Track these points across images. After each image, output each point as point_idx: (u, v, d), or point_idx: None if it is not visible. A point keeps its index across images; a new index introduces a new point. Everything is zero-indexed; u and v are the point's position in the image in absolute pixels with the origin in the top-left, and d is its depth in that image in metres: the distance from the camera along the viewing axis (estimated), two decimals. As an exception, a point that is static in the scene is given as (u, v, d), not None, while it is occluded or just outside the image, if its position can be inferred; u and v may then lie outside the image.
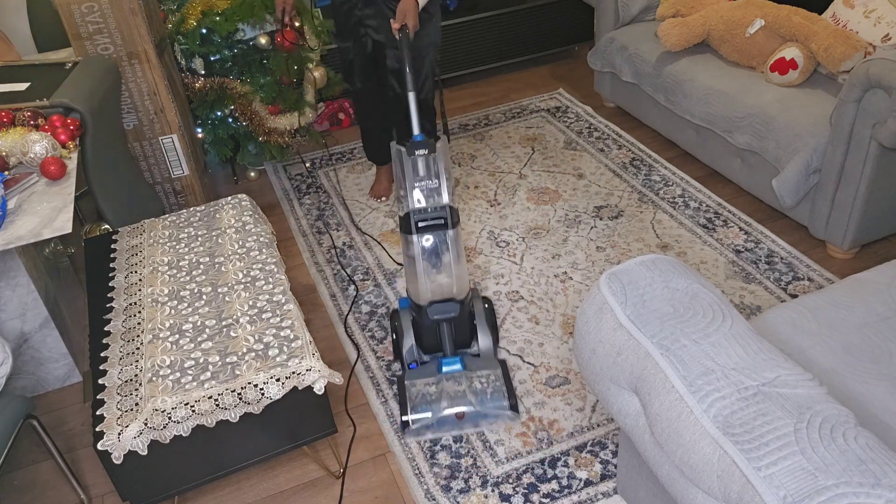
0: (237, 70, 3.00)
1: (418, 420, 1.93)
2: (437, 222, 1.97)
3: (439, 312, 2.01)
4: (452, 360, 2.00)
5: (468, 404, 1.93)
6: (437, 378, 1.97)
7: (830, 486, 0.96)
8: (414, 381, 1.99)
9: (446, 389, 1.94)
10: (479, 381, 1.97)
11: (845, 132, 2.28)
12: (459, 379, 1.97)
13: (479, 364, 2.02)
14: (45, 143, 1.94)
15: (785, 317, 1.57)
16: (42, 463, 2.05)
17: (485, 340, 2.09)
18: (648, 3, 3.27)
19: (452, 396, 1.93)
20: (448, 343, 2.03)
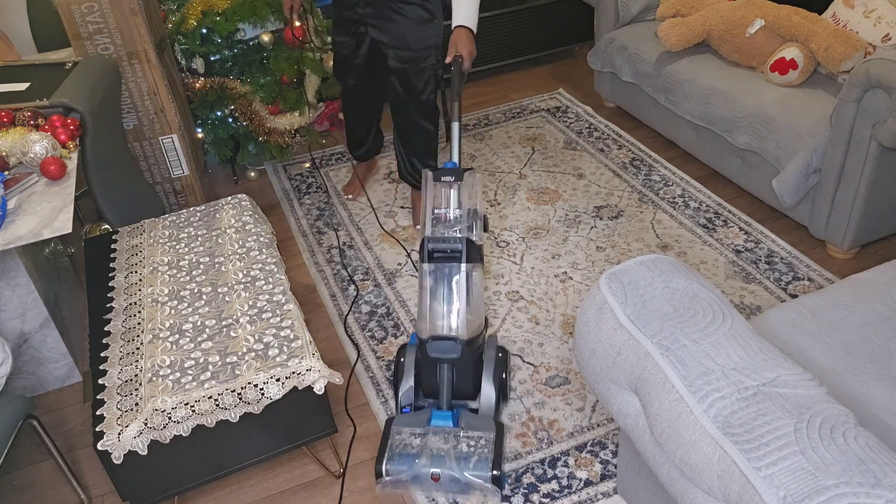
0: (237, 70, 3.00)
1: (394, 472, 1.75)
2: (452, 254, 1.85)
3: (438, 351, 1.85)
4: (444, 414, 1.84)
5: (447, 467, 1.73)
6: (424, 430, 1.81)
7: (830, 486, 0.96)
8: (400, 429, 1.83)
9: (430, 445, 1.77)
10: (466, 444, 1.77)
11: (845, 132, 2.28)
12: (447, 436, 1.79)
13: (474, 423, 1.83)
14: (45, 143, 1.94)
15: (785, 317, 1.57)
16: (42, 463, 2.05)
17: (487, 395, 1.89)
18: (648, 3, 3.27)
19: (434, 455, 1.75)
20: (445, 390, 1.87)
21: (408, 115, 2.60)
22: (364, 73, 2.64)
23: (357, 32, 2.53)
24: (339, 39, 2.61)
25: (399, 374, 1.94)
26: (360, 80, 2.67)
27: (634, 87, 3.23)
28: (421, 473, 1.73)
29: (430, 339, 1.85)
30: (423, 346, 1.87)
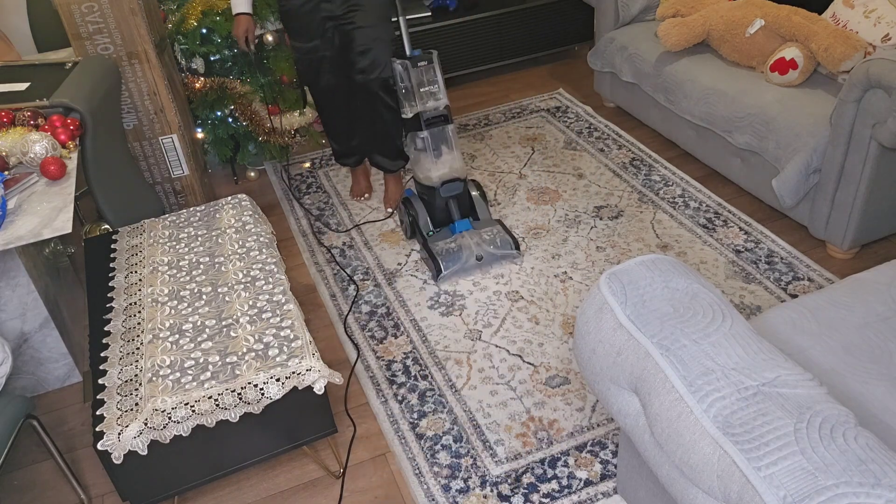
0: (237, 70, 3.00)
1: (450, 266, 2.48)
2: (440, 119, 2.51)
3: (449, 190, 2.55)
4: (463, 222, 2.58)
5: (484, 251, 2.51)
6: (454, 237, 2.55)
7: (830, 486, 0.96)
8: (437, 243, 2.54)
9: (464, 243, 2.52)
10: (486, 234, 2.55)
11: (845, 132, 2.28)
12: (472, 235, 2.54)
13: (482, 224, 2.61)
14: (45, 143, 1.94)
15: (785, 317, 1.57)
16: (42, 463, 2.05)
17: (481, 208, 2.66)
18: (648, 3, 3.27)
19: (470, 247, 2.50)
20: (456, 212, 2.59)
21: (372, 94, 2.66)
22: (337, 66, 2.67)
23: (324, 29, 2.58)
24: (308, 45, 2.61)
25: (416, 215, 2.62)
26: (335, 77, 2.70)
27: (634, 87, 3.23)
28: (469, 260, 2.50)
29: (442, 184, 2.54)
30: (433, 191, 2.56)
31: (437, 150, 2.54)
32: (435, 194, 2.55)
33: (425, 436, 2.00)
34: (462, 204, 2.60)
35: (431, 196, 2.57)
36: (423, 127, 2.50)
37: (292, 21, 2.60)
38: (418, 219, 2.61)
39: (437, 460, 1.93)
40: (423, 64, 2.48)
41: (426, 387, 2.15)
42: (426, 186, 2.57)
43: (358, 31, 2.56)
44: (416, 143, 2.55)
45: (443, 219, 2.61)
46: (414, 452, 1.96)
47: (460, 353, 2.25)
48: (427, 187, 2.57)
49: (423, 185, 2.58)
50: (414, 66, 2.47)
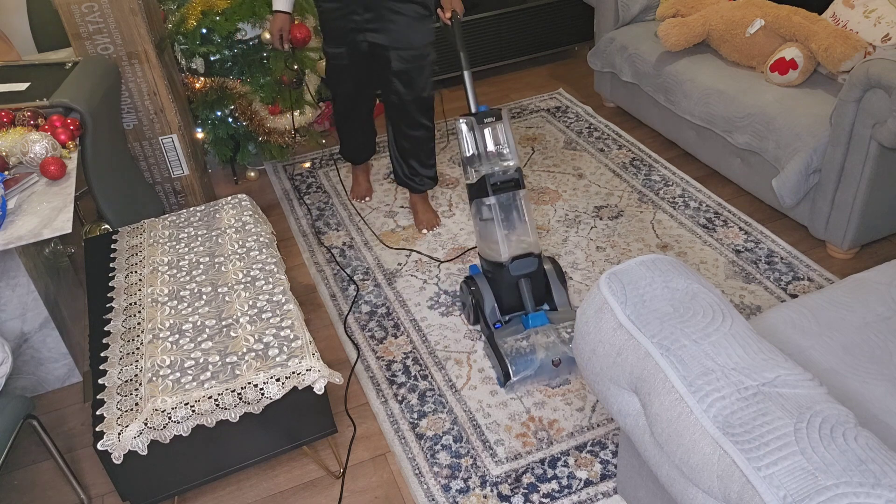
0: (237, 70, 3.00)
1: (520, 371, 2.03)
2: (510, 184, 2.15)
3: (520, 268, 2.14)
4: (538, 315, 2.12)
5: (563, 352, 2.05)
6: (526, 333, 2.10)
7: (830, 486, 0.96)
8: (505, 339, 2.10)
9: (538, 341, 2.07)
10: (565, 331, 2.09)
11: (845, 132, 2.28)
12: (547, 331, 2.09)
13: (560, 316, 2.15)
14: (45, 143, 1.94)
15: (785, 317, 1.57)
16: (42, 463, 2.05)
17: (560, 294, 2.20)
18: (648, 3, 3.27)
19: (546, 347, 2.06)
20: (529, 299, 2.16)
21: (409, 116, 2.58)
22: (360, 79, 2.62)
23: (353, 41, 2.49)
24: (333, 51, 2.56)
25: (479, 299, 2.20)
26: (355, 87, 2.65)
27: (634, 87, 3.23)
28: (544, 364, 2.04)
29: (511, 260, 2.13)
30: (501, 269, 2.14)
31: (506, 219, 2.16)
32: (503, 273, 2.14)
33: (425, 436, 2.00)
34: (536, 286, 2.18)
35: (499, 275, 2.16)
36: (489, 193, 2.14)
37: (325, 24, 2.54)
38: (483, 305, 2.18)
39: (437, 460, 1.93)
40: (490, 120, 2.18)
41: (426, 387, 2.15)
42: (493, 263, 2.16)
43: (392, 52, 2.44)
44: (482, 213, 2.17)
45: (512, 303, 2.19)
46: (414, 452, 1.96)
47: (460, 353, 2.25)
48: (494, 264, 2.16)
49: (490, 262, 2.18)
50: (480, 123, 2.18)
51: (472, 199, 2.20)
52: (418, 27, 2.42)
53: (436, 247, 2.71)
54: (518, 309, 2.20)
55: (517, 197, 2.17)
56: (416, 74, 2.49)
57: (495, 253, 2.16)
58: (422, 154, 2.69)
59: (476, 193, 2.18)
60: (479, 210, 2.18)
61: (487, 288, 2.20)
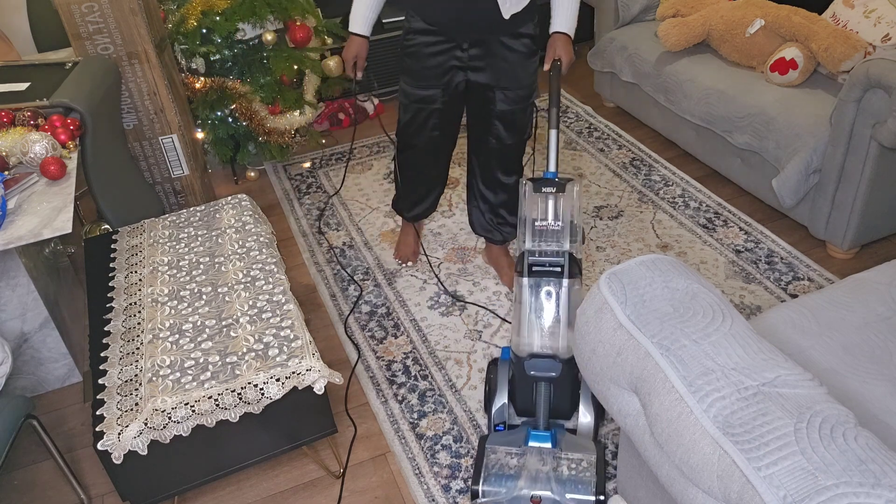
0: (237, 70, 3.00)
1: (491, 494, 1.69)
2: (554, 269, 1.79)
3: (537, 369, 1.78)
4: (543, 434, 1.75)
5: (548, 489, 1.66)
6: (521, 450, 1.75)
7: (830, 486, 0.96)
8: (496, 448, 1.76)
9: (528, 466, 1.71)
10: (567, 465, 1.71)
11: (845, 132, 2.28)
12: (546, 457, 1.72)
13: (573, 444, 1.76)
14: (45, 143, 1.94)
15: (785, 317, 1.57)
16: (42, 463, 2.05)
17: (586, 416, 1.83)
18: (648, 3, 3.27)
19: (533, 477, 1.68)
20: (543, 410, 1.79)
21: (507, 161, 2.32)
22: (449, 124, 2.30)
23: (450, 80, 2.18)
24: (425, 94, 2.20)
25: (492, 390, 1.89)
26: (442, 134, 2.31)
27: (634, 87, 3.23)
28: (520, 496, 1.66)
29: (529, 357, 1.79)
30: (519, 364, 1.80)
31: (541, 308, 1.80)
32: (520, 368, 1.81)
33: (425, 436, 2.00)
34: (560, 399, 1.82)
35: (517, 370, 1.82)
36: (523, 272, 1.80)
37: (413, 60, 2.17)
38: (494, 397, 1.88)
39: (437, 460, 1.93)
40: (549, 190, 1.82)
41: (426, 387, 2.15)
42: (515, 355, 1.83)
43: (498, 91, 2.17)
44: (519, 293, 1.82)
45: (526, 408, 1.86)
46: (414, 452, 1.96)
47: (460, 353, 2.25)
48: (516, 356, 1.83)
49: (513, 353, 1.85)
50: (537, 190, 1.83)
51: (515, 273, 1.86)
52: (528, 64, 2.16)
53: (436, 247, 2.71)
54: (530, 414, 1.86)
55: (560, 287, 1.79)
56: (521, 116, 2.23)
57: (514, 342, 1.84)
58: (511, 202, 2.41)
59: (518, 268, 1.84)
60: (517, 289, 1.83)
61: (504, 381, 1.88)
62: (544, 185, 1.83)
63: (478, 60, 2.14)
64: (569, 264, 1.78)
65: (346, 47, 2.22)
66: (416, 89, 2.21)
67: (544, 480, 1.67)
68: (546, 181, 1.84)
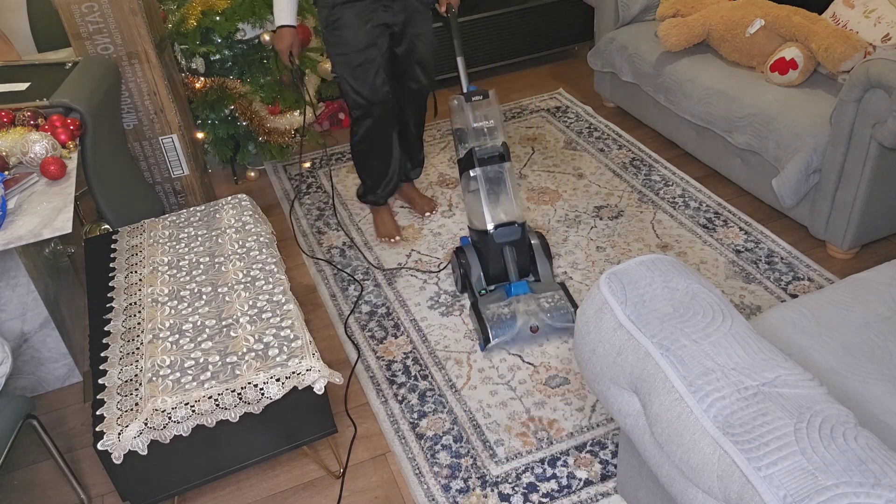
0: (237, 70, 3.00)
1: (499, 335, 2.17)
2: (495, 157, 2.30)
3: (503, 236, 2.27)
4: (520, 285, 2.26)
5: (540, 320, 2.19)
6: (508, 301, 2.23)
7: (830, 486, 0.96)
8: (488, 306, 2.23)
9: (518, 309, 2.20)
10: (546, 301, 2.23)
11: (845, 132, 2.28)
12: (528, 300, 2.22)
13: (542, 287, 2.28)
14: (45, 143, 1.94)
15: (785, 317, 1.57)
16: (42, 463, 2.05)
17: (543, 266, 2.33)
18: (648, 3, 3.27)
19: (526, 314, 2.19)
20: (514, 269, 2.28)
21: (422, 103, 2.68)
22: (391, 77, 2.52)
23: (383, 36, 2.43)
24: (366, 55, 2.39)
25: (467, 268, 2.34)
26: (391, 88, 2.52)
27: (634, 87, 3.23)
28: (522, 330, 2.18)
29: (496, 228, 2.26)
30: (486, 237, 2.27)
31: (493, 191, 2.30)
32: (487, 241, 2.27)
33: (425, 436, 2.00)
34: (521, 257, 2.30)
35: (484, 243, 2.29)
36: (475, 164, 2.28)
37: (344, 31, 2.38)
38: (470, 273, 2.33)
39: (437, 460, 1.93)
40: (478, 98, 2.33)
41: (426, 387, 2.15)
42: (479, 232, 2.30)
43: (419, 38, 2.50)
44: (469, 185, 2.32)
45: (498, 274, 2.31)
46: (414, 452, 1.96)
47: (460, 353, 2.25)
48: (480, 233, 2.29)
49: (477, 231, 2.31)
50: (468, 100, 2.32)
51: (462, 173, 2.34)
52: (429, 14, 2.53)
53: (436, 247, 2.71)
54: (503, 279, 2.32)
55: (503, 170, 2.30)
56: (431, 59, 2.59)
57: (480, 222, 2.29)
58: (419, 141, 2.83)
59: (464, 166, 2.32)
60: (468, 182, 2.32)
61: (475, 257, 2.33)
62: (473, 95, 2.33)
63: (400, 14, 2.43)
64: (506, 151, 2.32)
65: (280, 39, 2.42)
66: (356, 53, 2.41)
67: (535, 314, 2.20)
68: (472, 93, 2.34)
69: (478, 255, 2.33)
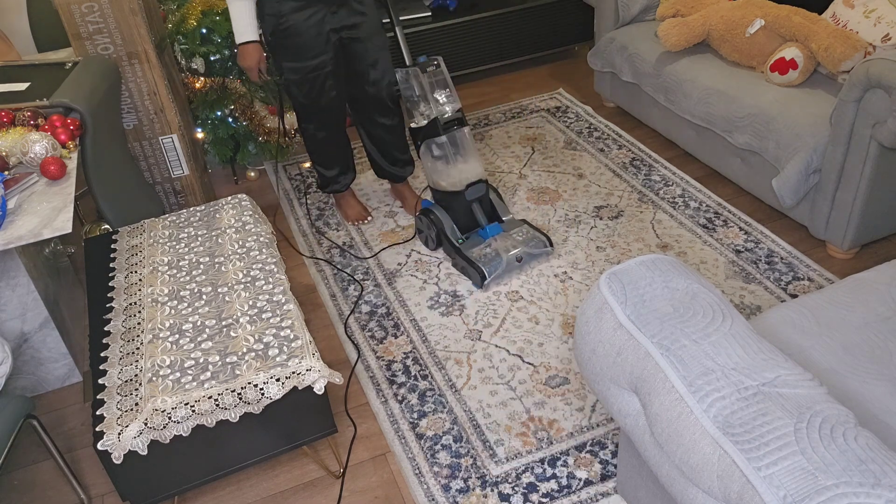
0: (237, 70, 3.00)
1: (491, 271, 2.44)
2: (456, 122, 2.48)
3: (474, 193, 2.53)
4: (494, 227, 2.57)
5: (521, 251, 2.50)
6: (487, 242, 2.53)
7: (830, 486, 0.96)
8: (471, 250, 2.50)
9: (499, 247, 2.51)
10: (518, 235, 2.56)
11: (845, 132, 2.28)
12: (504, 237, 2.54)
13: (510, 226, 2.60)
14: (45, 143, 1.94)
15: (785, 317, 1.57)
16: (42, 463, 2.05)
17: (502, 209, 2.64)
18: (648, 3, 3.27)
19: (507, 249, 2.50)
20: (482, 216, 2.57)
21: (383, 103, 2.65)
22: (339, 82, 2.56)
23: (331, 42, 2.45)
24: (313, 62, 2.44)
25: (439, 223, 2.55)
26: (338, 94, 2.58)
27: (634, 87, 3.23)
28: (509, 261, 2.48)
29: (467, 187, 2.51)
30: (455, 196, 2.52)
31: (458, 154, 2.49)
32: (457, 200, 2.52)
33: (425, 436, 2.00)
34: (485, 207, 2.58)
35: (455, 202, 2.53)
36: (440, 132, 2.45)
37: (294, 38, 2.40)
38: (444, 228, 2.54)
39: (437, 460, 1.93)
40: (432, 69, 2.46)
41: (426, 387, 2.15)
42: (448, 193, 2.53)
43: (367, 41, 2.51)
44: (433, 151, 2.50)
45: (467, 225, 2.57)
46: (414, 452, 1.96)
47: (460, 353, 2.25)
48: (449, 193, 2.52)
49: (444, 192, 2.54)
50: (423, 71, 2.45)
51: (423, 140, 2.50)
52: (378, 13, 2.55)
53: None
54: (471, 228, 2.58)
55: (463, 133, 2.50)
56: (386, 59, 2.59)
57: (450, 184, 2.51)
58: (398, 140, 2.78)
59: (428, 134, 2.48)
60: (430, 150, 2.50)
61: (445, 214, 2.55)
62: (426, 66, 2.48)
63: (346, 19, 2.45)
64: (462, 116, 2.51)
65: (246, 57, 2.44)
66: (306, 62, 2.45)
67: (515, 247, 2.51)
68: (425, 64, 2.48)
69: (448, 211, 2.55)
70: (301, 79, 2.49)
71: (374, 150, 2.81)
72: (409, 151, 2.86)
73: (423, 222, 2.65)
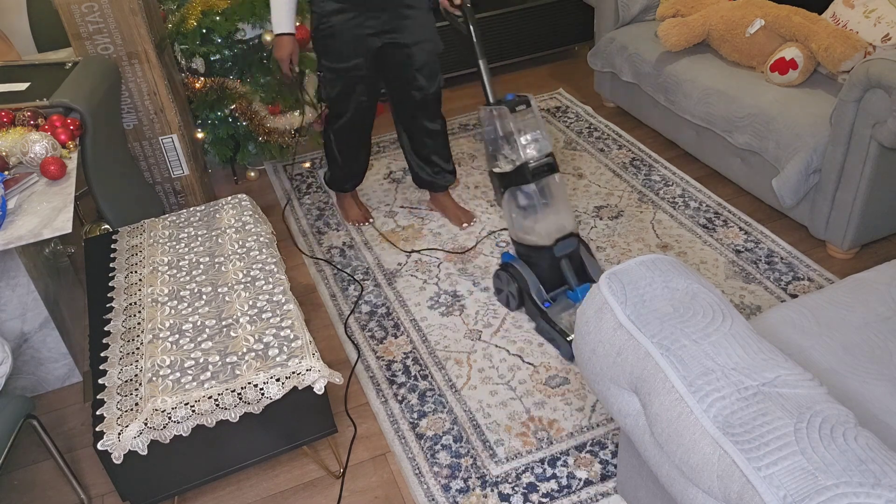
0: (237, 70, 3.00)
1: None
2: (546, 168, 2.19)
3: (564, 249, 2.24)
4: (585, 288, 2.23)
5: None
6: (576, 306, 2.22)
7: (830, 486, 0.96)
8: (560, 316, 2.22)
9: None
10: None
11: (845, 132, 2.28)
12: None
13: None
14: (45, 143, 1.94)
15: (785, 317, 1.57)
16: (42, 463, 2.05)
17: (594, 267, 2.31)
18: (648, 3, 3.27)
19: None
20: (572, 275, 2.26)
21: (430, 110, 2.60)
22: (374, 88, 2.55)
23: (370, 48, 2.42)
24: (347, 64, 2.43)
25: (523, 281, 2.26)
26: (369, 98, 2.56)
27: (634, 87, 3.23)
28: None
29: (556, 242, 2.22)
30: (542, 252, 2.23)
31: (546, 203, 2.22)
32: (544, 255, 2.23)
33: (425, 436, 2.00)
34: (574, 264, 2.27)
35: (540, 258, 2.24)
36: (529, 179, 2.16)
37: (331, 39, 2.40)
38: (528, 286, 2.25)
39: (437, 460, 1.93)
40: (521, 108, 2.18)
41: (426, 387, 2.15)
42: (533, 247, 2.24)
43: (414, 45, 2.44)
44: (518, 200, 2.22)
45: (554, 282, 2.28)
46: (414, 452, 1.96)
47: (460, 353, 2.25)
48: (534, 248, 2.24)
49: (529, 247, 2.25)
50: (512, 111, 2.16)
51: (507, 188, 2.23)
52: (431, 18, 2.47)
53: (436, 246, 2.71)
54: (558, 286, 2.28)
55: (553, 180, 2.22)
56: (435, 65, 2.53)
57: (538, 237, 2.23)
58: (442, 148, 2.72)
59: (515, 181, 2.19)
60: (515, 198, 2.23)
61: (529, 271, 2.26)
62: (515, 105, 2.18)
63: (389, 23, 2.39)
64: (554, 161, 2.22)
65: (280, 48, 2.43)
66: (341, 63, 2.44)
67: None
68: (512, 102, 2.18)
69: (532, 267, 2.27)
70: (334, 78, 2.48)
71: (416, 158, 2.74)
72: (451, 160, 2.78)
73: (502, 279, 2.36)
